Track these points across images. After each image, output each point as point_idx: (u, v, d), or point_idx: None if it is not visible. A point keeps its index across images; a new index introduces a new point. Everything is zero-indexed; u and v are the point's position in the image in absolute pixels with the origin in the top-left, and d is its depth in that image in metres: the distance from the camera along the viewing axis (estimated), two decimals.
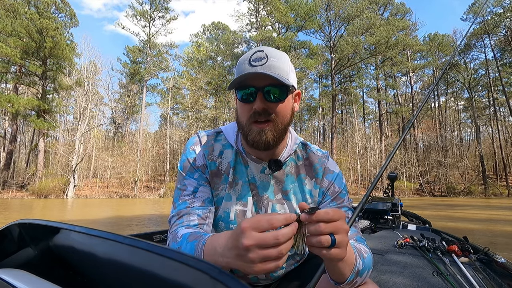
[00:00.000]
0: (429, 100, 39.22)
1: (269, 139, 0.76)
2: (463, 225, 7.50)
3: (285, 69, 0.74)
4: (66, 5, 28.88)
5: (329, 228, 0.52)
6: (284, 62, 0.75)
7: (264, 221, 0.50)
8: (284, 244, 0.49)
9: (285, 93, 0.76)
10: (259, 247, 0.49)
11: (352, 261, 0.67)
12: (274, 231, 0.49)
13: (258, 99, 0.73)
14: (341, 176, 0.92)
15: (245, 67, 0.74)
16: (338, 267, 0.65)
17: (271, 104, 0.75)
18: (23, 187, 25.74)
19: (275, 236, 0.48)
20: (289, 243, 0.50)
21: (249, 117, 0.76)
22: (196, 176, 0.85)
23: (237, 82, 0.74)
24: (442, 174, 32.08)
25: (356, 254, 0.69)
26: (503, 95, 32.29)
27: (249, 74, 0.71)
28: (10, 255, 0.66)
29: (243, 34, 37.79)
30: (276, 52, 0.75)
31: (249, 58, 0.74)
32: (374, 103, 42.62)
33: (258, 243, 0.48)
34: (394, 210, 2.45)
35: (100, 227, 6.17)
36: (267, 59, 0.72)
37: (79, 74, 27.75)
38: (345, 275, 0.67)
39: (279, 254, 0.48)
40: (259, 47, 0.76)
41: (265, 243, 0.48)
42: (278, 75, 0.72)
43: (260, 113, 0.74)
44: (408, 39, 33.63)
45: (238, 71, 0.76)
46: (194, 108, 32.70)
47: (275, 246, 0.48)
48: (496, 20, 30.42)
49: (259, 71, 0.71)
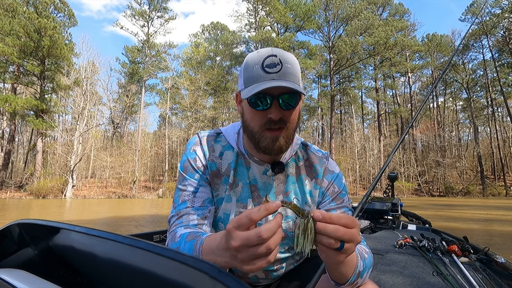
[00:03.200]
0: (427, 101, 39.36)
1: (282, 145, 0.77)
2: (461, 225, 7.51)
3: (297, 75, 0.74)
4: (65, 4, 28.83)
5: (347, 235, 0.52)
6: (296, 67, 0.74)
7: (243, 218, 0.49)
8: (272, 239, 0.48)
9: (297, 100, 0.75)
10: (246, 246, 0.48)
11: (354, 263, 0.67)
12: (257, 228, 0.48)
13: (274, 108, 0.72)
14: (341, 176, 0.92)
15: (259, 73, 0.71)
16: (340, 269, 0.64)
17: (285, 112, 0.74)
18: (21, 187, 25.65)
19: (258, 233, 0.47)
20: (277, 236, 0.49)
21: (263, 124, 0.75)
22: (196, 177, 0.85)
23: (256, 92, 0.70)
24: (441, 174, 32.18)
25: (357, 256, 0.69)
26: (501, 95, 32.42)
27: (269, 85, 0.69)
28: (10, 255, 0.66)
29: (242, 34, 37.85)
30: (288, 57, 0.73)
31: (261, 62, 0.72)
32: (373, 104, 42.77)
33: (244, 243, 0.48)
34: (394, 210, 2.46)
35: (98, 227, 6.14)
36: (281, 65, 0.71)
37: (78, 74, 27.66)
38: (347, 277, 0.67)
39: (267, 250, 0.47)
40: (270, 50, 0.73)
41: (250, 242, 0.47)
42: (294, 83, 0.71)
43: (276, 121, 0.73)
44: (406, 39, 33.72)
45: (249, 75, 0.73)
46: (193, 108, 32.67)
47: (262, 243, 0.47)
48: (494, 21, 30.52)
49: (275, 79, 0.70)
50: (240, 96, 0.77)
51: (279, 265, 0.94)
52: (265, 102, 0.72)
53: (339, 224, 0.52)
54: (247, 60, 0.76)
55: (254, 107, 0.74)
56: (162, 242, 1.64)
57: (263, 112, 0.74)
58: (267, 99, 0.72)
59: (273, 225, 0.48)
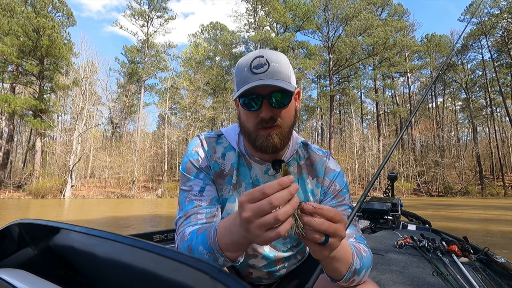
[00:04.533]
0: (426, 101, 39.43)
1: (276, 143, 0.78)
2: (460, 225, 7.53)
3: (286, 72, 0.75)
4: (63, 4, 28.76)
5: (331, 229, 0.52)
6: (284, 65, 0.75)
7: (256, 191, 0.49)
8: (281, 209, 0.48)
9: (288, 97, 0.77)
10: (256, 216, 0.49)
11: (349, 260, 0.67)
12: (268, 197, 0.48)
13: (265, 107, 0.74)
14: (342, 175, 0.93)
15: (247, 75, 0.74)
16: (333, 265, 0.65)
17: (276, 110, 0.76)
18: (20, 187, 25.59)
19: (269, 200, 0.48)
20: (289, 208, 0.48)
21: (256, 124, 0.77)
22: (201, 176, 0.85)
23: (243, 93, 0.74)
24: (440, 174, 32.24)
25: (354, 254, 0.70)
26: (500, 95, 32.51)
27: (254, 84, 0.72)
28: (10, 255, 0.65)
29: (241, 34, 37.84)
30: (275, 56, 0.75)
31: (249, 64, 0.74)
32: (372, 104, 42.84)
33: (255, 212, 0.48)
34: (394, 210, 2.45)
35: (97, 227, 6.14)
36: (268, 65, 0.73)
37: (77, 74, 27.62)
38: (341, 273, 0.68)
39: (275, 220, 0.47)
40: (258, 52, 0.76)
41: (261, 210, 0.48)
42: (282, 81, 0.73)
43: (267, 120, 0.75)
44: (405, 39, 33.80)
45: (239, 78, 0.76)
46: (192, 108, 32.65)
47: (271, 211, 0.48)
48: (493, 21, 30.59)
49: (262, 78, 0.72)
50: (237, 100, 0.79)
51: (282, 264, 0.95)
52: (257, 102, 0.75)
53: (325, 217, 0.52)
54: (238, 64, 0.78)
55: (248, 108, 0.76)
56: (162, 242, 1.64)
57: (256, 112, 0.76)
58: (259, 99, 0.74)
59: (284, 194, 0.48)
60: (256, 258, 0.91)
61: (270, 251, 0.90)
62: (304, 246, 1.04)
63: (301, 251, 1.01)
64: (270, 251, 0.90)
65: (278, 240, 0.88)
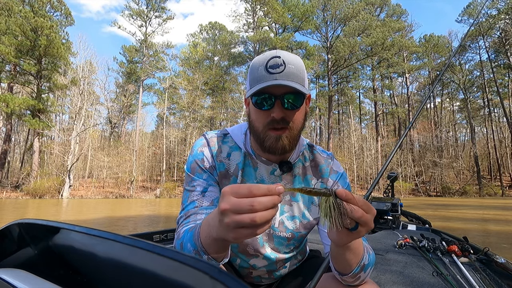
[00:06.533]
0: (425, 104, 39.48)
1: (285, 145, 0.78)
2: (458, 225, 7.56)
3: (301, 75, 0.75)
4: (61, 3, 28.66)
5: (363, 217, 0.52)
6: (300, 68, 0.75)
7: (243, 187, 0.48)
8: (260, 213, 0.46)
9: (301, 100, 0.77)
10: (233, 212, 0.47)
11: (361, 254, 0.69)
12: (251, 198, 0.47)
13: (277, 108, 0.74)
14: (345, 176, 0.94)
15: (262, 73, 0.73)
16: (346, 256, 0.66)
17: (288, 111, 0.76)
18: (18, 187, 25.46)
19: (251, 202, 0.46)
20: (268, 214, 0.46)
21: (266, 124, 0.77)
22: (205, 177, 0.85)
23: (256, 91, 0.74)
24: (438, 174, 32.36)
25: (364, 248, 0.71)
26: (497, 96, 32.65)
27: (269, 84, 0.71)
28: (10, 255, 0.65)
29: (240, 34, 37.79)
30: (292, 58, 0.75)
31: (265, 63, 0.74)
32: (371, 104, 42.91)
33: (233, 207, 0.47)
34: (394, 210, 2.46)
35: (96, 227, 6.12)
36: (284, 66, 0.73)
37: (75, 73, 27.52)
38: (351, 266, 0.68)
39: (251, 221, 0.45)
40: (275, 52, 0.75)
41: (240, 208, 0.46)
42: (297, 83, 0.73)
43: (278, 121, 0.75)
44: (404, 40, 33.87)
45: (253, 76, 0.76)
46: (191, 108, 32.62)
47: (249, 212, 0.46)
48: (490, 22, 30.71)
49: (278, 79, 0.72)
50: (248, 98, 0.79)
51: (282, 265, 0.95)
52: (269, 102, 0.74)
53: (359, 206, 0.52)
54: (252, 62, 0.78)
55: (260, 108, 0.76)
56: (162, 242, 1.64)
57: (267, 112, 0.76)
58: (272, 99, 0.74)
59: (268, 200, 0.46)
60: (257, 258, 0.91)
61: (272, 252, 0.90)
62: (304, 246, 1.04)
63: (302, 251, 1.01)
64: (272, 252, 0.90)
65: (281, 243, 0.89)
